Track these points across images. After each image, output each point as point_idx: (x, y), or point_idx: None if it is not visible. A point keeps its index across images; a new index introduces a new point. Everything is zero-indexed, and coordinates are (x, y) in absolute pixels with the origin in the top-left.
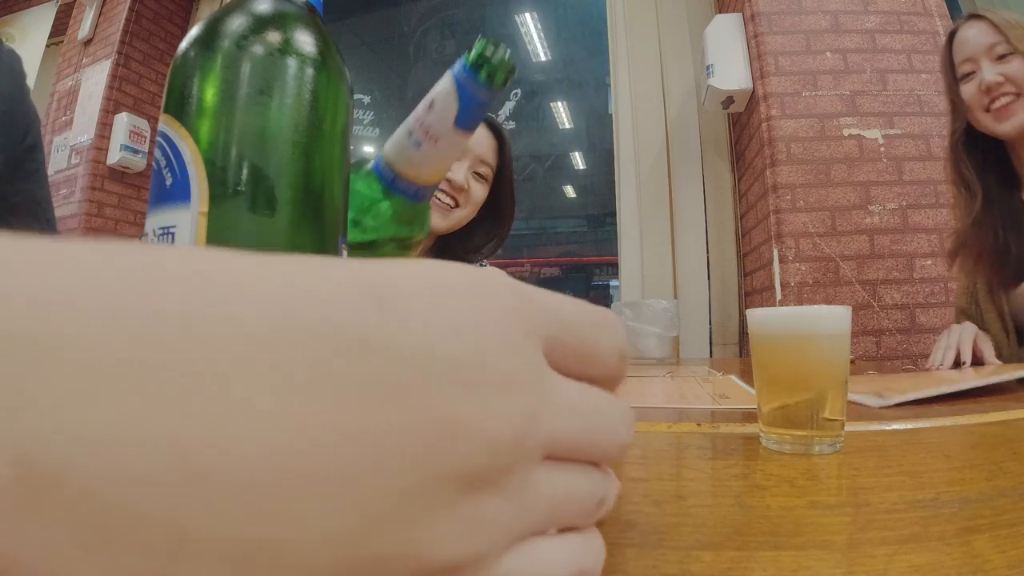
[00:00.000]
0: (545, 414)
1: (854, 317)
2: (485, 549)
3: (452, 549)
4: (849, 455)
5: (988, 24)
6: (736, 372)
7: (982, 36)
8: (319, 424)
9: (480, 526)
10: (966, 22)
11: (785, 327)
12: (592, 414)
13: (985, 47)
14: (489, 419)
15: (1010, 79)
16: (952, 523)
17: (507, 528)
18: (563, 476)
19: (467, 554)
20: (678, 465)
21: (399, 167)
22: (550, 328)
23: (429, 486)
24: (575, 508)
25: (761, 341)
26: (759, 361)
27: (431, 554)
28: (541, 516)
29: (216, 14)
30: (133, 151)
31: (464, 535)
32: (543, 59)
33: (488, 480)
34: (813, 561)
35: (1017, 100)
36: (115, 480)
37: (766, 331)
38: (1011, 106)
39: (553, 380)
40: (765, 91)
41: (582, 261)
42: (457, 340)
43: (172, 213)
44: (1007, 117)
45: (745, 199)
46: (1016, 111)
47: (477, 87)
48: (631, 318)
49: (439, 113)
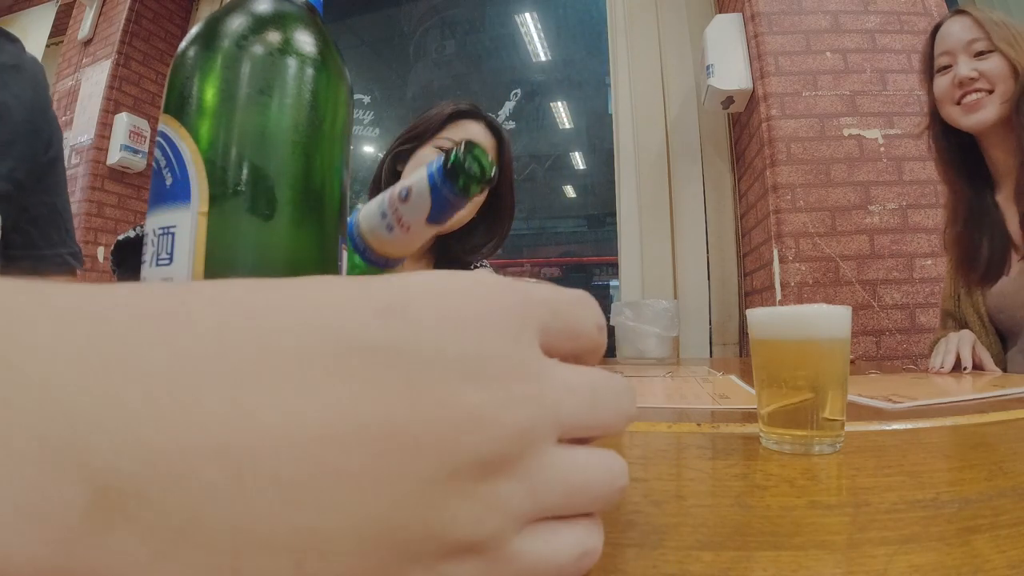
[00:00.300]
0: (549, 398)
1: (854, 317)
2: (500, 528)
3: (470, 529)
4: (849, 455)
5: (971, 20)
6: (736, 372)
7: (964, 31)
8: (345, 423)
9: (495, 508)
10: (950, 17)
11: (785, 327)
12: (592, 391)
13: (964, 42)
14: (499, 408)
15: (984, 75)
16: (952, 523)
17: (520, 509)
18: (577, 461)
19: (484, 533)
20: (678, 465)
21: (370, 241)
22: (543, 317)
23: (448, 473)
24: (592, 493)
25: (761, 341)
26: (759, 361)
27: (452, 534)
28: (557, 499)
29: (216, 14)
30: (133, 151)
31: (481, 516)
32: (543, 59)
33: (501, 465)
34: (813, 561)
35: (988, 96)
36: (179, 488)
37: (766, 331)
38: (981, 100)
39: (551, 366)
40: (765, 91)
41: (582, 261)
42: (463, 338)
43: (172, 213)
44: (974, 111)
45: (745, 199)
46: (985, 106)
47: (450, 192)
48: (631, 318)
49: (413, 207)
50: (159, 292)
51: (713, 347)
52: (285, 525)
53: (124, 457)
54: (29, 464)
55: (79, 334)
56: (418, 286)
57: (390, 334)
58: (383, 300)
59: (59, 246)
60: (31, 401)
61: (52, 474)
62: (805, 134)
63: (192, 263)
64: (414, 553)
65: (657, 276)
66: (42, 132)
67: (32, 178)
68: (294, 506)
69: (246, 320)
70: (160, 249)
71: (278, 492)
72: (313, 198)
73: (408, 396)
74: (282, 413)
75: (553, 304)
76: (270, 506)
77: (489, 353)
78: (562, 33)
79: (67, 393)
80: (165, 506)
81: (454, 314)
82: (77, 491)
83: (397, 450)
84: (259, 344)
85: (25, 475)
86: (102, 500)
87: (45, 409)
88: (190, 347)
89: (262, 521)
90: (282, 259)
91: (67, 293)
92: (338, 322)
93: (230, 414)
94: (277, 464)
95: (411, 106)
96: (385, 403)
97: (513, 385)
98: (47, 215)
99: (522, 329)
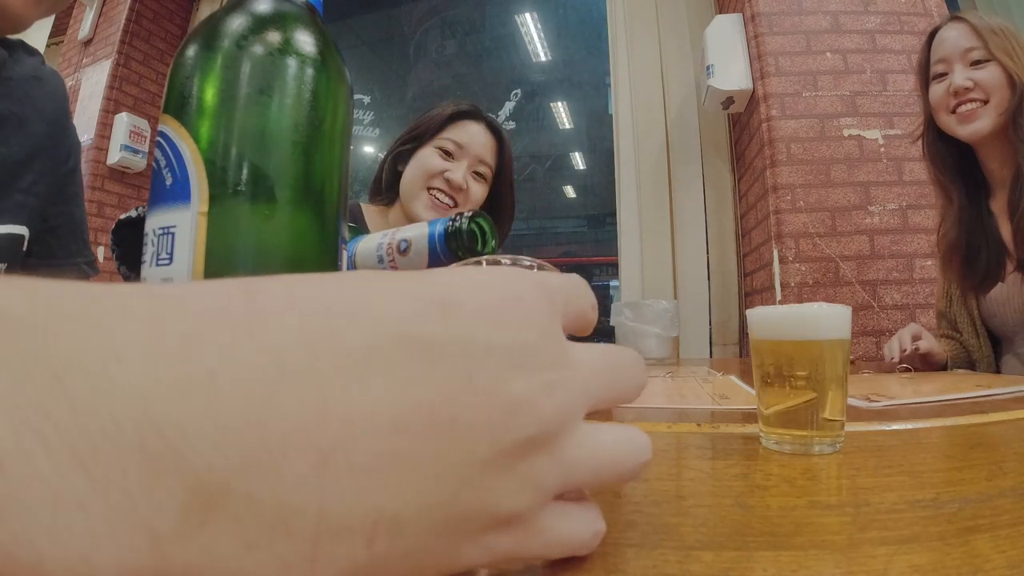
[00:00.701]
0: (579, 380)
1: (854, 317)
2: (535, 502)
3: (513, 502)
4: (849, 455)
5: (968, 28)
6: (736, 372)
7: (960, 39)
8: (414, 411)
9: (533, 482)
10: (948, 23)
11: (784, 326)
12: (612, 369)
13: (961, 50)
14: (539, 393)
15: (980, 85)
16: (952, 523)
17: (553, 483)
18: (606, 439)
19: (522, 506)
20: (678, 465)
21: None
22: (561, 305)
23: (498, 454)
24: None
25: (761, 341)
26: (758, 361)
27: (499, 508)
28: (585, 475)
29: (216, 14)
30: (133, 151)
31: (521, 490)
32: (543, 59)
33: (540, 444)
34: (813, 561)
35: (983, 107)
36: (271, 481)
37: (766, 331)
38: (976, 111)
39: (575, 349)
40: (765, 91)
41: (582, 261)
42: (508, 330)
43: (172, 213)
44: (970, 121)
45: (745, 199)
46: (980, 116)
47: (446, 254)
48: (631, 318)
49: (410, 261)
50: (235, 292)
51: (713, 347)
52: (361, 508)
53: (219, 455)
54: (127, 475)
55: (166, 338)
56: (463, 282)
57: (449, 328)
58: (438, 295)
59: (76, 255)
60: (131, 409)
61: (148, 480)
62: (805, 134)
63: (192, 263)
64: (467, 528)
65: (657, 276)
66: (62, 145)
67: (52, 189)
68: (370, 490)
69: (321, 318)
70: (160, 249)
71: (357, 478)
72: (313, 198)
73: (466, 385)
74: (359, 404)
75: (565, 292)
76: (349, 492)
77: (530, 343)
78: (562, 33)
79: (162, 398)
80: (257, 499)
81: (499, 307)
82: (171, 494)
83: (458, 435)
84: (335, 340)
85: (120, 486)
86: (195, 500)
87: (145, 417)
88: (274, 346)
89: (342, 506)
90: (282, 259)
91: (139, 294)
92: (401, 317)
93: (315, 407)
94: (356, 452)
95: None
96: (447, 392)
97: (549, 371)
98: (65, 225)
99: (552, 319)
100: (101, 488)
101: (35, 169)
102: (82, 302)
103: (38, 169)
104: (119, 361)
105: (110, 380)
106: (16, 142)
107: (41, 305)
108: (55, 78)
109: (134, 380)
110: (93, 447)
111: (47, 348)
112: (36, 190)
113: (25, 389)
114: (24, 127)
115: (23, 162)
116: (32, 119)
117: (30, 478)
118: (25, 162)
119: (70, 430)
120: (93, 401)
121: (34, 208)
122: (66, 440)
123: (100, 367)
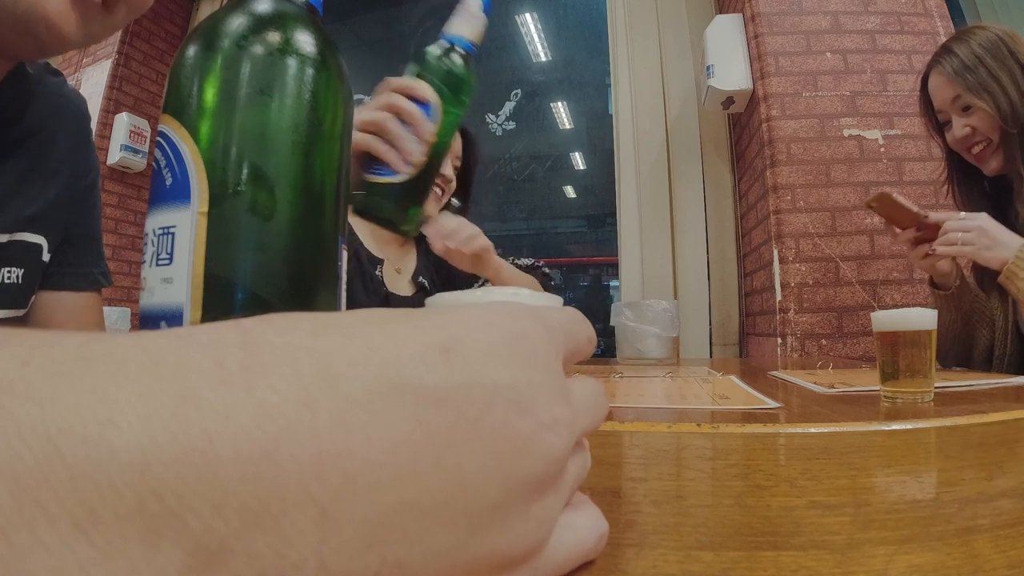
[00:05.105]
0: (577, 417)
1: (854, 318)
2: (543, 537)
3: (526, 542)
4: (849, 455)
5: (944, 78)
6: (736, 372)
7: (943, 90)
8: (419, 461)
9: (544, 521)
10: (932, 70)
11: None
12: (592, 405)
13: (948, 101)
14: (544, 431)
15: (977, 130)
16: (952, 523)
17: (558, 515)
18: (579, 460)
19: (534, 544)
20: (678, 465)
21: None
22: (561, 341)
23: (510, 496)
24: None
25: (881, 333)
26: (881, 346)
27: (512, 550)
28: (569, 494)
29: (216, 14)
30: (133, 151)
31: (534, 530)
32: (543, 59)
33: (548, 482)
34: (813, 561)
35: (988, 146)
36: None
37: (885, 326)
38: (984, 152)
39: (570, 386)
40: (765, 91)
41: (582, 261)
42: (511, 370)
43: (172, 213)
44: (983, 162)
45: (745, 199)
46: (989, 156)
47: None
48: (631, 318)
49: None
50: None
51: (713, 347)
52: (363, 560)
53: (218, 517)
54: (128, 540)
55: (163, 400)
56: (465, 324)
57: (453, 373)
58: (440, 339)
59: (91, 265)
60: (128, 475)
61: (149, 545)
62: (805, 135)
63: (192, 263)
64: (476, 570)
65: (657, 276)
66: (83, 161)
67: (72, 202)
68: (372, 541)
69: (320, 370)
70: (160, 249)
71: (358, 529)
72: (313, 198)
73: (472, 428)
74: (361, 456)
75: (565, 328)
76: (351, 543)
77: (535, 381)
78: (562, 33)
79: (160, 463)
80: (256, 555)
81: (502, 349)
82: (172, 558)
83: (466, 480)
84: (335, 392)
85: (122, 551)
86: (196, 561)
87: (143, 483)
88: (271, 401)
89: (343, 557)
90: (282, 259)
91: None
92: (402, 363)
93: (314, 463)
94: (357, 504)
95: None
96: (453, 437)
97: (551, 409)
98: (82, 236)
99: (553, 357)
100: (103, 555)
101: (57, 183)
102: (77, 365)
103: (60, 184)
104: (115, 425)
105: (107, 446)
106: (45, 155)
107: (35, 369)
108: (78, 98)
109: (131, 445)
110: (93, 514)
111: (43, 415)
112: (58, 202)
113: (24, 458)
114: (52, 142)
115: (50, 175)
116: (58, 137)
117: (34, 547)
118: (52, 175)
119: (69, 498)
120: (90, 468)
121: (55, 219)
122: (66, 508)
123: (96, 433)
